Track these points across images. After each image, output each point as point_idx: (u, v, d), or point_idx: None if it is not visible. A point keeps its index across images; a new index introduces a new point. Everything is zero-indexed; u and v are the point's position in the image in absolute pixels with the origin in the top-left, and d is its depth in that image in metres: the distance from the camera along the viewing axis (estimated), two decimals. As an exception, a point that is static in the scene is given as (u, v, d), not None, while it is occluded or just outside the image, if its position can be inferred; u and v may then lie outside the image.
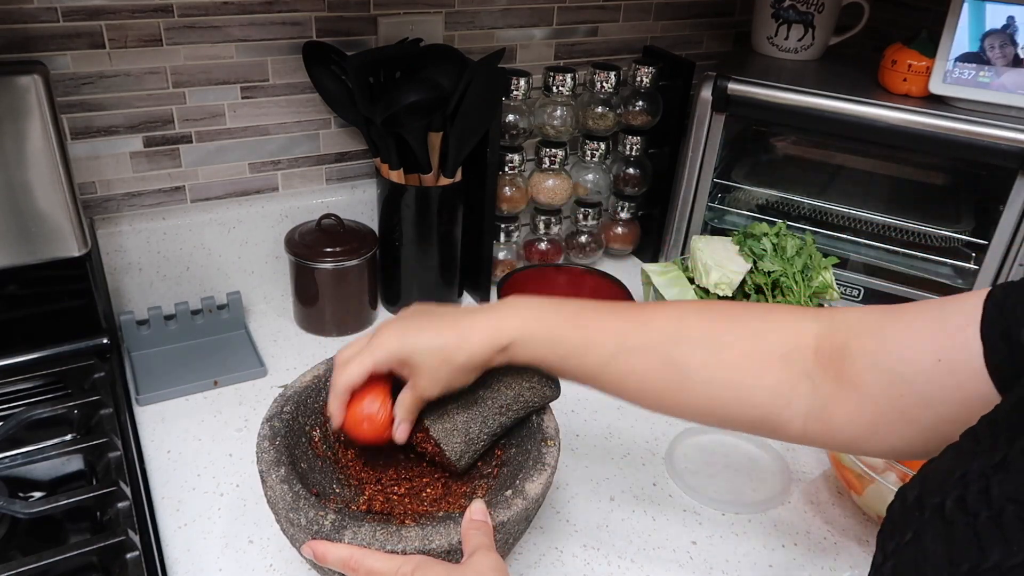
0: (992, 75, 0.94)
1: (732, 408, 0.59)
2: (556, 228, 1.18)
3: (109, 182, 0.95)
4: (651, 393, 0.61)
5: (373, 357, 0.63)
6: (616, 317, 0.62)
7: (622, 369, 0.61)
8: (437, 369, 0.62)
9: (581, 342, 0.61)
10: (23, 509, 0.68)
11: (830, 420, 0.55)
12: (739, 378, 0.58)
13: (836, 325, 0.57)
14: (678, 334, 0.60)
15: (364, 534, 0.57)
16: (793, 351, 0.57)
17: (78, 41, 0.86)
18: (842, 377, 0.55)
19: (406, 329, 0.63)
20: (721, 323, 0.61)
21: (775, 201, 1.19)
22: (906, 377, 0.51)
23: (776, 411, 0.57)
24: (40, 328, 0.88)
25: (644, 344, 0.60)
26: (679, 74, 1.14)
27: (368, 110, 0.94)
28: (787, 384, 0.57)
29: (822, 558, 0.75)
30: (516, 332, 0.61)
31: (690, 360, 0.59)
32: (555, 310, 0.63)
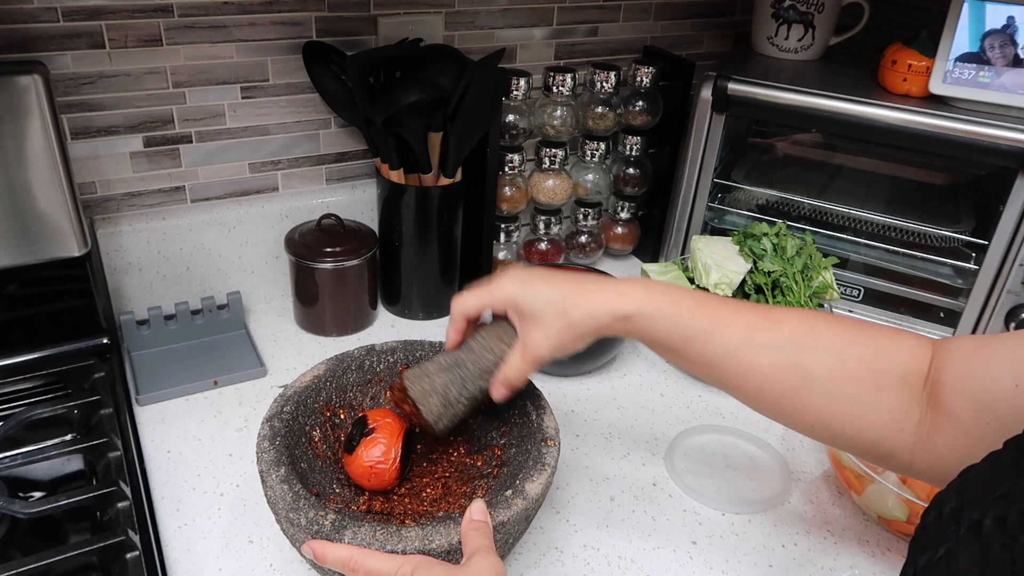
0: (992, 75, 0.94)
1: (848, 425, 0.58)
2: (556, 228, 1.18)
3: (109, 182, 0.95)
4: (771, 393, 0.60)
5: (491, 295, 0.63)
6: (746, 311, 0.61)
7: (746, 363, 0.59)
8: (552, 322, 0.61)
9: (709, 327, 0.60)
10: (23, 509, 0.68)
11: (934, 449, 0.55)
12: (862, 394, 0.57)
13: (940, 351, 0.56)
14: (808, 339, 0.59)
15: (364, 534, 0.57)
16: (911, 375, 0.56)
17: (78, 41, 0.86)
18: (938, 404, 0.54)
19: (529, 277, 0.63)
20: (851, 335, 0.59)
21: (775, 201, 1.19)
22: (989, 403, 0.50)
23: (890, 436, 0.56)
24: (40, 328, 0.88)
25: (773, 342, 0.59)
26: (679, 74, 1.14)
27: (368, 110, 0.94)
28: (903, 408, 0.56)
29: (822, 558, 0.75)
30: (641, 304, 0.60)
31: (817, 367, 0.58)
32: (684, 292, 0.62)
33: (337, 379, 0.76)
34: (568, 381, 0.97)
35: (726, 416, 0.93)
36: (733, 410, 0.94)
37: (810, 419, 0.59)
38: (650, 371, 0.99)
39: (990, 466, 0.41)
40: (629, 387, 0.97)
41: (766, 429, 0.91)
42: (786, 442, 0.89)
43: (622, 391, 0.96)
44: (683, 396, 0.96)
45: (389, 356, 0.79)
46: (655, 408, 0.94)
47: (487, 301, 0.64)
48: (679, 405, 0.94)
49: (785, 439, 0.90)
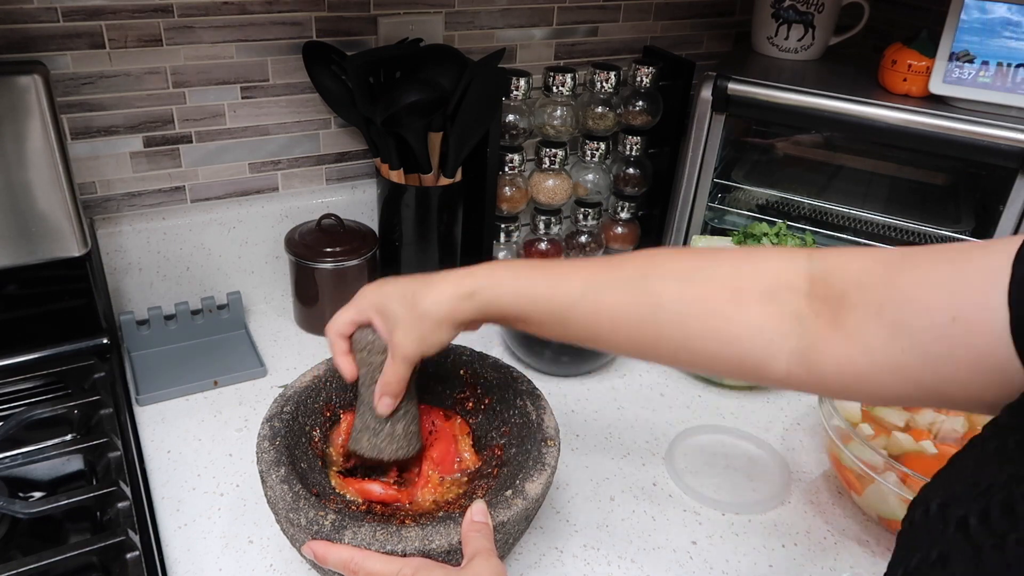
0: (992, 75, 0.94)
1: (710, 343, 0.56)
2: (556, 228, 1.18)
3: (109, 182, 0.95)
4: (624, 329, 0.58)
5: (356, 308, 0.66)
6: (590, 264, 0.63)
7: (592, 306, 0.59)
8: (408, 317, 0.62)
9: (547, 285, 0.60)
10: (23, 509, 0.68)
11: (816, 364, 0.52)
12: (716, 308, 0.55)
13: (834, 272, 0.53)
14: (650, 270, 0.59)
15: (364, 534, 0.57)
16: (780, 289, 0.54)
17: (78, 41, 0.86)
18: (837, 323, 0.51)
19: (384, 282, 0.66)
20: (699, 260, 0.59)
21: (775, 201, 1.19)
22: (912, 331, 0.47)
23: (757, 348, 0.54)
24: (40, 328, 0.88)
25: (615, 280, 0.59)
26: (679, 74, 1.14)
27: (368, 110, 0.94)
28: (770, 321, 0.54)
29: (822, 558, 0.75)
30: (483, 279, 0.62)
31: (663, 291, 0.57)
32: (529, 262, 0.64)
33: (337, 379, 0.76)
34: (568, 381, 0.97)
35: (726, 416, 0.93)
36: (733, 410, 0.94)
37: (671, 346, 0.58)
38: (650, 371, 0.99)
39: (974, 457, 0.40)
40: (629, 387, 0.97)
41: (766, 429, 0.91)
42: (786, 442, 0.90)
43: (622, 391, 0.96)
44: (683, 396, 0.96)
45: (389, 356, 0.79)
46: (655, 408, 0.94)
47: (354, 315, 0.66)
48: (679, 405, 0.94)
49: (785, 439, 0.90)
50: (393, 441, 0.68)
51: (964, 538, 0.36)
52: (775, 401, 0.96)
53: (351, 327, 0.67)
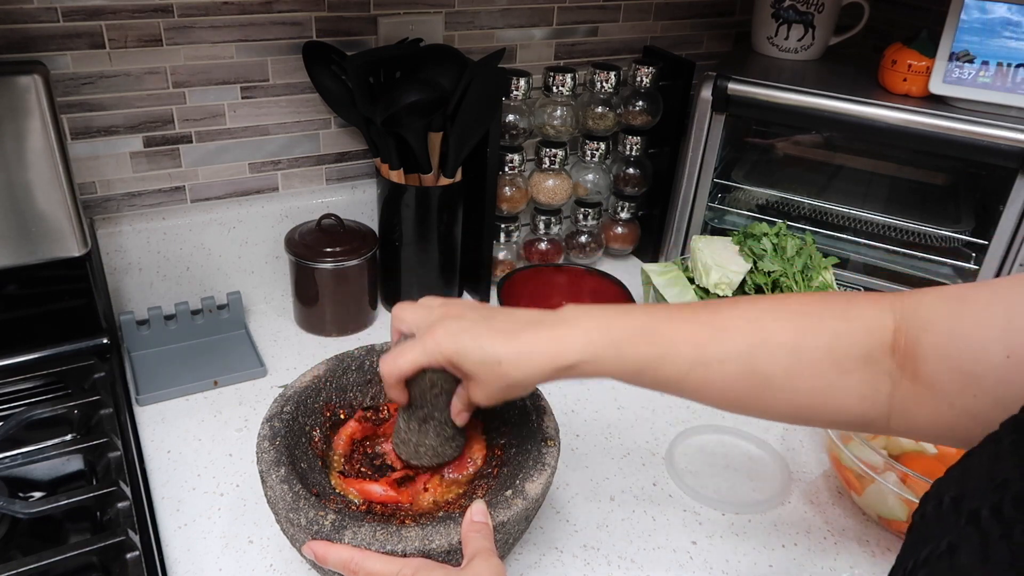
0: (992, 75, 0.94)
1: (819, 413, 0.57)
2: (556, 228, 1.18)
3: (109, 182, 0.95)
4: (733, 401, 0.59)
5: (426, 355, 0.60)
6: (689, 324, 0.59)
7: (701, 381, 0.58)
8: (491, 383, 0.59)
9: (654, 358, 0.58)
10: (23, 509, 0.68)
11: (914, 420, 0.53)
12: (823, 385, 0.56)
13: (909, 318, 0.53)
14: (757, 341, 0.57)
15: (364, 534, 0.57)
16: (875, 350, 0.54)
17: (78, 41, 0.86)
18: (918, 378, 0.52)
19: (464, 331, 0.59)
20: (802, 326, 0.57)
21: (775, 201, 1.19)
22: (976, 375, 0.47)
23: (863, 413, 0.56)
24: (40, 328, 0.88)
25: (723, 355, 0.57)
26: (679, 74, 1.14)
27: (368, 110, 0.94)
28: (870, 386, 0.55)
29: (822, 558, 0.75)
30: (581, 352, 0.58)
31: (772, 369, 0.56)
32: (623, 323, 0.59)
33: (337, 379, 0.76)
34: (568, 381, 0.97)
35: (726, 416, 0.93)
36: (733, 410, 0.94)
37: (779, 414, 0.59)
38: (650, 371, 0.99)
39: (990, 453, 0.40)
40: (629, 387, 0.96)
41: (766, 429, 0.91)
42: (786, 442, 0.89)
43: (622, 391, 0.96)
44: (683, 396, 0.96)
45: (389, 356, 0.79)
46: (655, 408, 0.93)
47: (423, 362, 0.60)
48: (679, 405, 0.94)
49: (785, 439, 0.90)
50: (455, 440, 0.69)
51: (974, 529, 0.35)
52: (775, 401, 0.96)
53: (414, 373, 0.62)
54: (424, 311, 0.63)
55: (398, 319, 0.64)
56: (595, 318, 0.59)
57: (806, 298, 0.61)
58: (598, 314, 0.60)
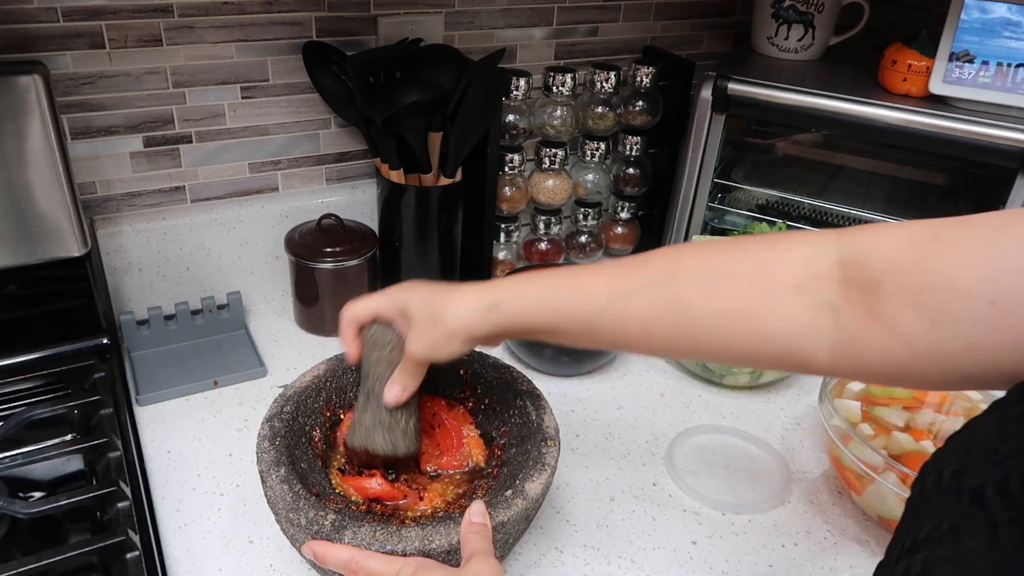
0: (992, 75, 0.94)
1: (747, 343, 0.54)
2: (556, 228, 1.18)
3: (109, 182, 0.95)
4: (658, 335, 0.57)
5: (379, 300, 0.67)
6: (609, 268, 0.61)
7: (620, 315, 0.57)
8: (427, 323, 0.63)
9: (572, 294, 0.59)
10: (23, 509, 0.68)
11: (858, 355, 0.50)
12: (747, 308, 0.53)
13: (868, 253, 0.50)
14: (674, 271, 0.57)
15: (364, 534, 0.57)
16: (810, 279, 0.52)
17: (78, 41, 0.86)
18: (874, 312, 0.49)
19: (413, 285, 0.66)
20: (722, 255, 0.56)
21: (775, 201, 1.19)
22: (952, 319, 0.44)
23: (796, 344, 0.52)
24: (40, 328, 0.88)
25: (639, 286, 0.57)
26: (679, 74, 1.14)
27: (368, 110, 0.94)
28: (805, 315, 0.52)
29: (822, 558, 0.75)
30: (506, 291, 0.61)
31: (691, 294, 0.55)
32: (552, 271, 0.63)
33: (337, 379, 0.76)
34: (568, 381, 0.97)
35: (726, 416, 0.93)
36: (733, 410, 0.94)
37: (708, 348, 0.56)
38: (650, 371, 0.99)
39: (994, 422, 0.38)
40: (629, 387, 0.97)
41: (766, 429, 0.91)
42: (786, 442, 0.90)
43: (622, 391, 0.96)
44: (683, 396, 0.96)
45: (389, 356, 0.79)
46: (655, 408, 0.94)
47: (375, 307, 0.67)
48: (679, 405, 0.94)
49: (785, 439, 0.90)
50: (391, 432, 0.68)
51: (979, 511, 0.34)
52: (775, 401, 0.96)
53: (369, 317, 0.67)
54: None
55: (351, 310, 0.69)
56: (523, 274, 0.64)
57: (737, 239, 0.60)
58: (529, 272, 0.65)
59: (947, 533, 0.35)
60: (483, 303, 0.61)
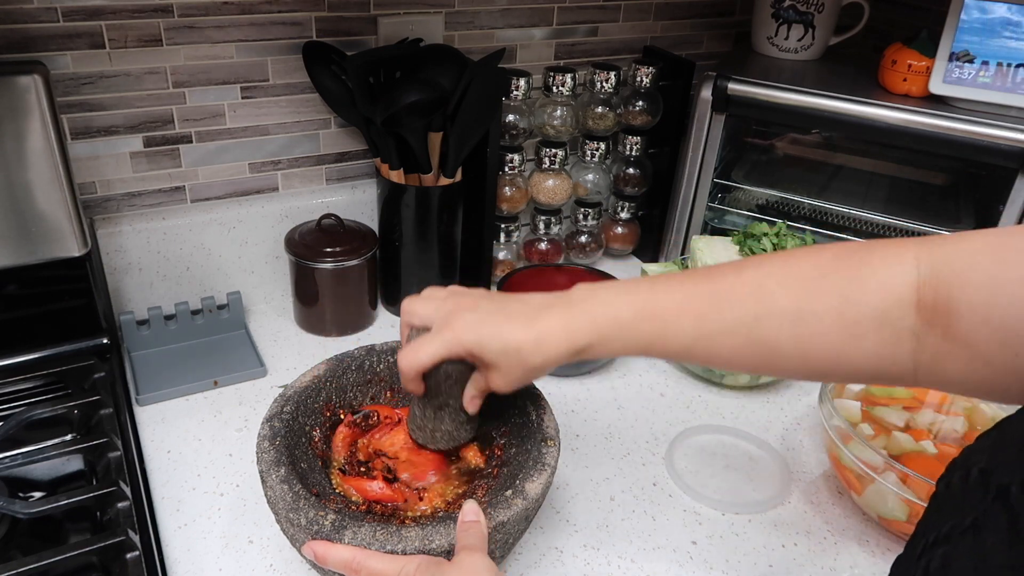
0: (992, 75, 0.94)
1: (836, 373, 0.56)
2: (556, 228, 1.18)
3: (109, 182, 0.95)
4: (744, 367, 0.59)
5: (447, 347, 0.61)
6: (691, 296, 0.59)
7: (706, 352, 0.58)
8: (512, 370, 0.61)
9: (657, 335, 0.59)
10: (23, 509, 0.68)
11: (942, 374, 0.51)
12: (834, 349, 0.54)
13: (939, 271, 0.50)
14: (759, 310, 0.56)
15: (364, 534, 0.57)
16: (891, 310, 0.52)
17: (78, 41, 0.86)
18: (950, 335, 0.49)
19: (481, 322, 0.61)
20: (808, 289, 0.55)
21: (775, 201, 1.19)
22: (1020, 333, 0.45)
23: (882, 371, 0.54)
24: (40, 328, 0.88)
25: (724, 327, 0.57)
26: (679, 74, 1.14)
27: (368, 110, 0.94)
28: (888, 346, 0.52)
29: (822, 558, 0.75)
30: (589, 335, 0.59)
31: (777, 337, 0.55)
32: (627, 302, 0.60)
33: (337, 379, 0.76)
34: (568, 381, 0.97)
35: (726, 416, 0.93)
36: (733, 410, 0.94)
37: (795, 376, 0.59)
38: (650, 371, 0.99)
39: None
40: (629, 387, 0.97)
41: (766, 429, 0.91)
42: (786, 442, 0.89)
43: (622, 391, 0.96)
44: (683, 396, 0.96)
45: (389, 356, 0.79)
46: (655, 408, 0.93)
47: (443, 355, 0.62)
48: (679, 405, 0.94)
49: (785, 439, 0.90)
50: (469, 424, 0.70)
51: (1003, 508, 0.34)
52: (775, 401, 0.96)
53: (434, 366, 0.63)
54: (435, 303, 0.64)
55: (409, 314, 0.65)
56: (599, 300, 0.61)
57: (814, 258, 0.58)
58: (603, 295, 0.61)
59: (968, 529, 0.35)
60: (572, 348, 0.59)
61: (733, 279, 0.59)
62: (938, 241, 0.52)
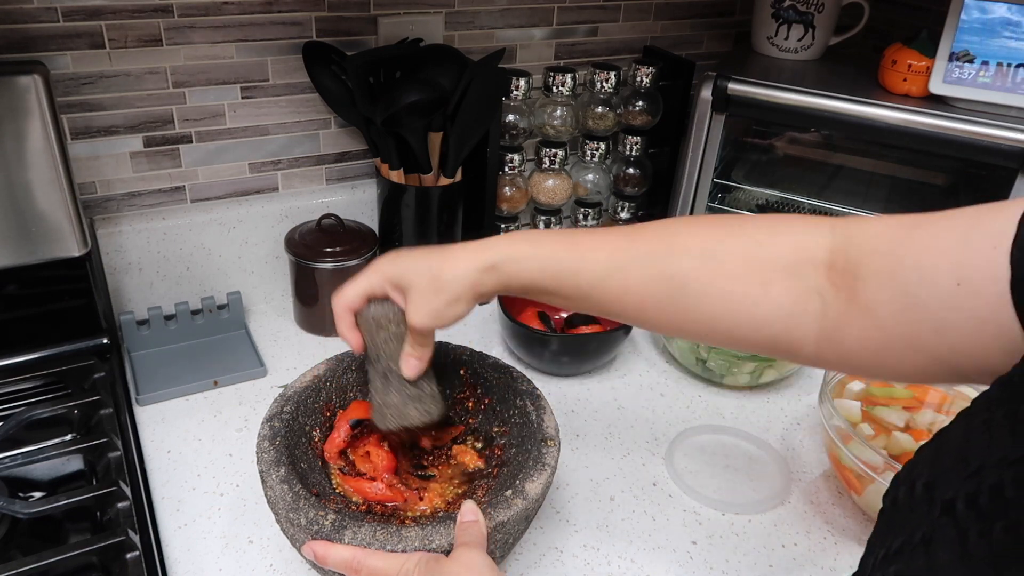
0: (992, 75, 0.94)
1: (738, 323, 0.55)
2: (556, 228, 1.18)
3: (109, 182, 0.95)
4: (651, 309, 0.58)
5: (368, 280, 0.64)
6: (611, 236, 0.60)
7: (618, 285, 0.58)
8: (427, 290, 0.61)
9: (572, 260, 0.59)
10: (23, 509, 0.68)
11: (840, 342, 0.51)
12: (740, 289, 0.54)
13: (853, 239, 0.51)
14: (671, 246, 0.57)
15: (364, 534, 0.57)
16: (801, 264, 0.53)
17: (78, 41, 0.86)
18: (855, 298, 0.50)
19: (398, 255, 0.64)
20: (718, 232, 0.57)
21: (775, 201, 1.19)
22: (921, 300, 0.45)
23: (784, 330, 0.53)
24: (40, 328, 0.88)
25: (636, 258, 0.58)
26: (679, 74, 1.14)
27: (368, 110, 0.94)
28: (795, 300, 0.53)
29: (822, 558, 0.75)
30: (504, 251, 0.60)
31: (685, 270, 0.56)
32: (546, 233, 0.63)
33: (337, 379, 0.76)
34: (568, 381, 0.97)
35: (726, 416, 0.93)
36: (733, 410, 0.94)
37: (700, 326, 0.57)
38: (650, 371, 0.99)
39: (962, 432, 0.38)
40: (629, 387, 0.97)
41: (766, 429, 0.91)
42: (786, 442, 0.90)
43: (622, 391, 0.96)
44: (683, 396, 0.96)
45: (389, 356, 0.79)
46: (655, 408, 0.94)
47: (366, 287, 0.65)
48: (679, 405, 0.94)
49: (785, 439, 0.90)
50: (422, 402, 0.68)
51: (950, 522, 0.34)
52: (775, 401, 0.96)
53: (362, 300, 0.65)
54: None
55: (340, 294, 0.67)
56: (521, 233, 0.63)
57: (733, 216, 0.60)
58: (526, 231, 0.64)
59: (919, 544, 0.35)
60: (480, 264, 0.60)
61: (647, 225, 0.61)
62: (853, 218, 0.54)
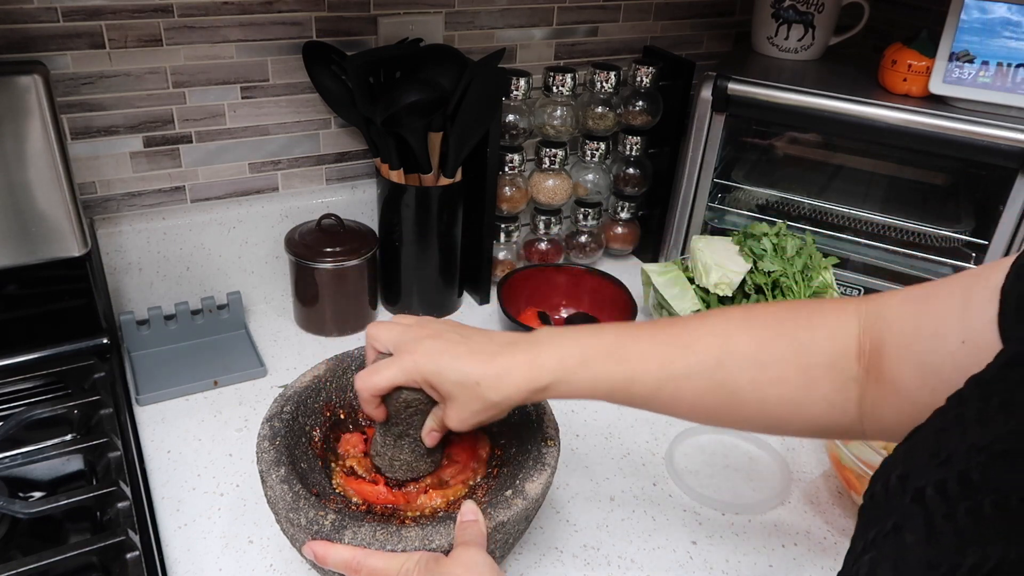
0: (992, 75, 0.94)
1: (790, 422, 0.58)
2: (556, 228, 1.18)
3: (109, 182, 0.95)
4: (704, 414, 0.61)
5: (405, 372, 0.60)
6: (658, 343, 0.60)
7: (671, 397, 0.59)
8: (468, 404, 0.60)
9: (623, 377, 0.59)
10: (23, 509, 0.68)
11: (881, 419, 0.54)
12: (790, 394, 0.57)
13: (873, 320, 0.54)
14: (722, 355, 0.58)
15: (364, 534, 0.57)
16: (839, 357, 0.56)
17: (78, 41, 0.86)
18: (882, 377, 0.53)
19: (442, 351, 0.60)
20: (765, 337, 0.58)
21: (775, 201, 1.19)
22: (935, 366, 0.48)
23: (835, 420, 0.57)
24: (40, 328, 0.88)
25: (689, 370, 0.59)
26: (679, 74, 1.13)
27: (368, 110, 0.94)
28: (838, 393, 0.56)
29: (822, 558, 0.75)
30: (554, 372, 0.59)
31: (738, 380, 0.58)
32: (593, 343, 0.60)
33: (337, 379, 0.76)
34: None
35: (726, 416, 0.93)
36: (733, 410, 0.94)
37: (753, 425, 0.61)
38: (650, 371, 0.99)
39: (936, 427, 0.40)
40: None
41: (766, 429, 0.91)
42: (786, 442, 0.89)
43: (622, 391, 0.96)
44: (683, 396, 0.96)
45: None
46: (655, 408, 0.93)
47: (400, 381, 0.61)
48: (679, 405, 0.94)
49: (785, 439, 0.90)
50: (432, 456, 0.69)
51: (919, 508, 0.35)
52: (775, 401, 0.96)
53: (389, 390, 0.62)
54: (400, 329, 0.63)
55: (373, 338, 0.65)
56: (567, 340, 0.61)
57: (772, 308, 0.62)
58: (570, 336, 0.61)
59: (890, 532, 0.37)
60: (532, 385, 0.59)
61: (697, 325, 0.61)
62: (875, 296, 0.57)
